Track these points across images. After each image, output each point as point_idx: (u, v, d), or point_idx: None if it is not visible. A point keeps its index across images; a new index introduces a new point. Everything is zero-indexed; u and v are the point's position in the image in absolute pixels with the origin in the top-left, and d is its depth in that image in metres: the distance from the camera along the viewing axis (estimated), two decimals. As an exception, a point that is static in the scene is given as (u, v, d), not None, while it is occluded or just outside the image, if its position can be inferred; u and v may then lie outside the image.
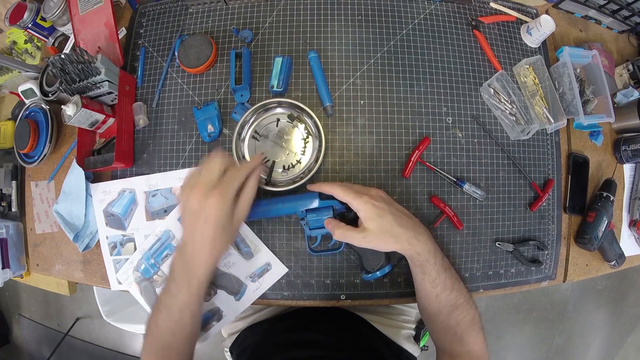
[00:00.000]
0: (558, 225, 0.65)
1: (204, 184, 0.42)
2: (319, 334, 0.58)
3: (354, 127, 0.60)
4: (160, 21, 0.67)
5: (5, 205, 0.70)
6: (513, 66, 0.66)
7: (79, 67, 0.55)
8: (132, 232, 0.61)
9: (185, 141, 0.61)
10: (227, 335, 0.75)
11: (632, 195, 0.74)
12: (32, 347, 1.80)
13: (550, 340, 1.75)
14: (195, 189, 0.42)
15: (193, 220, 0.43)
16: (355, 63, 0.62)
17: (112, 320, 0.99)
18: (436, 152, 0.61)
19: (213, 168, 0.43)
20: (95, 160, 0.61)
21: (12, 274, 0.67)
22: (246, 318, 0.73)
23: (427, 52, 0.63)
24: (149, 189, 0.61)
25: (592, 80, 0.69)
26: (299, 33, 0.63)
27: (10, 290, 1.84)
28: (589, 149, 0.70)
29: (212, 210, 0.41)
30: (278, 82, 0.58)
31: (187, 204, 0.43)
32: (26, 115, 0.68)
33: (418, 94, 0.62)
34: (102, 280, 0.62)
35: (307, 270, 0.58)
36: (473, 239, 0.61)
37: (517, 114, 0.62)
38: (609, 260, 0.69)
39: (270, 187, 0.56)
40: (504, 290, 0.62)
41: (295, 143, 0.59)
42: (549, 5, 0.72)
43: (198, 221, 0.42)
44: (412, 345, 0.69)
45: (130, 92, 0.63)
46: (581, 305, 1.78)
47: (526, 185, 0.63)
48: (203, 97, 0.62)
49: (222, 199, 0.42)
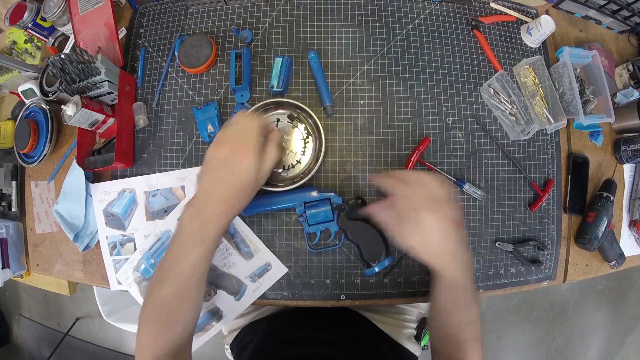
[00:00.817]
0: (558, 225, 0.65)
1: (237, 139, 0.41)
2: (322, 331, 0.58)
3: (354, 127, 0.60)
4: (160, 21, 0.67)
5: (5, 205, 0.70)
6: (513, 66, 0.66)
7: (79, 67, 0.55)
8: (132, 232, 0.61)
9: (185, 141, 0.61)
10: (227, 333, 0.75)
11: (632, 196, 0.74)
12: (32, 347, 1.80)
13: (550, 340, 1.75)
14: (226, 143, 0.41)
15: (220, 172, 0.41)
16: (355, 63, 0.62)
17: (112, 320, 0.98)
18: (436, 152, 0.61)
19: (246, 126, 0.42)
20: (95, 160, 0.61)
21: (12, 274, 0.67)
22: (247, 315, 0.73)
23: (427, 52, 0.63)
24: (149, 189, 0.61)
25: (592, 80, 0.69)
26: (299, 33, 0.63)
27: (10, 290, 1.84)
28: (589, 149, 0.70)
29: (244, 165, 0.40)
30: (278, 82, 0.58)
31: (215, 155, 0.41)
32: (26, 115, 0.68)
33: (418, 94, 0.62)
34: (102, 280, 0.62)
35: (307, 270, 0.58)
36: (473, 239, 0.61)
37: (517, 114, 0.62)
38: (609, 260, 0.69)
39: (270, 187, 0.56)
40: (504, 290, 0.62)
41: (295, 143, 0.59)
42: (549, 6, 0.72)
43: (226, 174, 0.41)
44: (414, 344, 0.69)
45: (130, 92, 0.63)
46: (581, 305, 1.78)
47: (526, 185, 0.63)
48: (203, 97, 0.62)
49: (254, 156, 0.41)
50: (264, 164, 0.43)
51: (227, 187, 0.41)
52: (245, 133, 0.42)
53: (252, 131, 0.42)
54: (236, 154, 0.41)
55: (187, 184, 0.60)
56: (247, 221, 0.59)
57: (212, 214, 0.41)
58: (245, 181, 0.41)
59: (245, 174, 0.41)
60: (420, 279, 0.59)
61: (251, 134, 0.41)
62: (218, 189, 0.41)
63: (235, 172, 0.41)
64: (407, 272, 0.59)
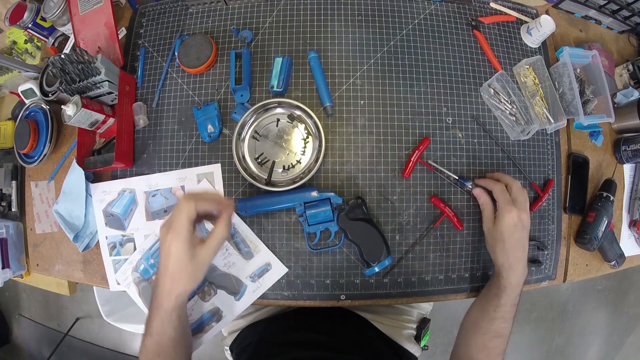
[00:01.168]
0: (558, 225, 0.65)
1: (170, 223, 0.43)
2: (320, 334, 0.58)
3: (354, 127, 0.60)
4: (160, 21, 0.67)
5: (5, 205, 0.70)
6: (513, 66, 0.66)
7: (79, 67, 0.55)
8: (131, 232, 0.61)
9: (185, 141, 0.61)
10: (227, 334, 0.75)
11: (632, 195, 0.74)
12: (32, 347, 1.80)
13: (550, 340, 1.75)
14: (163, 226, 0.44)
15: (160, 254, 0.44)
16: (355, 63, 0.62)
17: (112, 320, 0.98)
18: (436, 152, 0.61)
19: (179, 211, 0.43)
20: (95, 160, 0.61)
21: (12, 274, 0.67)
22: (246, 316, 0.73)
23: (427, 52, 0.63)
24: (149, 189, 0.61)
25: (592, 80, 0.69)
26: (299, 33, 0.63)
27: (10, 290, 1.84)
28: (589, 149, 0.70)
29: (172, 251, 0.42)
30: (278, 82, 0.58)
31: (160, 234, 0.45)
32: (26, 115, 0.68)
33: (418, 94, 0.62)
34: (102, 281, 0.62)
35: (307, 270, 0.58)
36: (473, 239, 0.61)
37: (517, 114, 0.62)
38: (609, 260, 0.69)
39: (270, 187, 0.56)
40: (504, 290, 0.62)
41: (295, 143, 0.59)
42: (549, 5, 0.72)
43: (161, 256, 0.44)
44: (413, 345, 0.69)
45: (130, 92, 0.63)
46: (581, 305, 1.78)
47: (526, 185, 0.63)
48: (203, 97, 0.62)
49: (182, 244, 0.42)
50: (202, 249, 0.44)
51: (165, 269, 0.43)
52: (176, 219, 0.43)
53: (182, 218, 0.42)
54: (165, 238, 0.43)
55: (187, 184, 0.60)
56: (247, 221, 0.59)
57: (162, 288, 0.44)
58: (177, 265, 0.43)
59: (175, 259, 0.43)
60: (421, 279, 0.59)
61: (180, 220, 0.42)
62: (160, 270, 0.44)
63: (169, 256, 0.43)
64: (407, 272, 0.59)
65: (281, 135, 0.59)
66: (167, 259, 0.43)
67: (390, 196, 0.59)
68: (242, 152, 0.58)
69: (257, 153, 0.59)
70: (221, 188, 0.59)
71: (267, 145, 0.59)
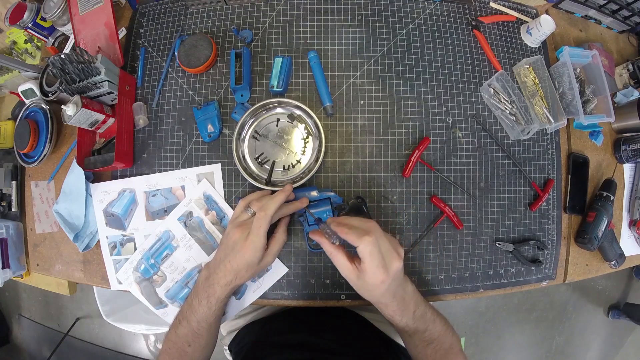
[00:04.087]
0: (558, 225, 0.65)
1: (245, 226, 0.49)
2: (316, 335, 0.58)
3: (354, 127, 0.60)
4: (160, 21, 0.67)
5: (5, 205, 0.70)
6: (513, 66, 0.66)
7: (79, 67, 0.55)
8: (132, 232, 0.61)
9: (185, 141, 0.61)
10: (226, 333, 0.75)
11: (632, 195, 0.74)
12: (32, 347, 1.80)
13: (550, 340, 1.75)
14: (240, 227, 0.49)
15: (229, 250, 0.49)
16: (355, 63, 0.62)
17: (112, 320, 0.99)
18: (436, 152, 0.61)
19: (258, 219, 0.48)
20: (95, 160, 0.61)
21: (12, 274, 0.67)
22: (245, 316, 0.73)
23: (427, 52, 0.63)
24: (149, 189, 0.61)
25: (592, 80, 0.69)
26: (299, 33, 0.63)
27: (10, 290, 1.84)
28: (589, 148, 0.70)
29: (247, 250, 0.48)
30: (278, 82, 0.58)
31: (229, 236, 0.49)
32: (26, 115, 0.68)
33: (418, 94, 0.62)
34: (102, 280, 0.62)
35: (307, 270, 0.58)
36: (473, 239, 0.61)
37: (517, 114, 0.62)
38: (609, 260, 0.69)
39: (270, 187, 0.56)
40: (504, 290, 0.62)
41: (295, 143, 0.59)
42: (549, 5, 0.72)
43: (233, 253, 0.48)
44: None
45: (130, 92, 0.63)
46: (581, 305, 1.78)
47: (526, 185, 0.63)
48: (203, 97, 0.62)
49: (257, 246, 0.48)
50: (267, 255, 0.50)
51: (232, 264, 0.48)
52: (258, 228, 0.48)
53: (263, 228, 0.48)
54: (244, 241, 0.48)
55: (187, 184, 0.60)
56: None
57: (220, 280, 0.49)
58: (246, 265, 0.49)
59: (248, 261, 0.48)
60: (421, 279, 0.59)
61: (261, 231, 0.48)
62: (225, 263, 0.49)
63: (243, 256, 0.48)
64: (407, 272, 0.58)
65: (281, 135, 0.59)
66: (238, 257, 0.48)
67: (390, 196, 0.59)
68: (242, 151, 0.58)
69: (257, 153, 0.59)
70: (221, 188, 0.59)
71: (267, 145, 0.59)
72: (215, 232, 0.59)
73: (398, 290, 0.46)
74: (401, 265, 0.45)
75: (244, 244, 0.47)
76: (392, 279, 0.44)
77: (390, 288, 0.44)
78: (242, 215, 0.51)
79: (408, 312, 0.47)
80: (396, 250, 0.45)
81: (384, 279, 0.43)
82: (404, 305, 0.47)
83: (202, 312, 0.49)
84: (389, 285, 0.44)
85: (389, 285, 0.44)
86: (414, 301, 0.48)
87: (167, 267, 0.60)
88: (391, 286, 0.44)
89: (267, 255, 0.50)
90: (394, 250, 0.44)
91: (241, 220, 0.50)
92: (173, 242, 0.59)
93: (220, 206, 0.59)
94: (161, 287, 0.60)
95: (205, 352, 0.52)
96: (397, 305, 0.46)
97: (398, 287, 0.46)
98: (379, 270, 0.43)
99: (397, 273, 0.44)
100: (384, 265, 0.43)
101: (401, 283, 0.46)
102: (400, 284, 0.46)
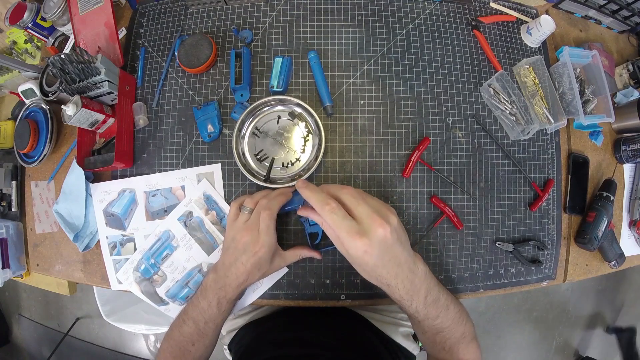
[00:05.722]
0: (558, 225, 0.65)
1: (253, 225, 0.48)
2: (314, 332, 0.58)
3: (354, 127, 0.60)
4: (160, 21, 0.67)
5: (5, 205, 0.70)
6: (513, 66, 0.66)
7: (79, 67, 0.55)
8: (132, 232, 0.61)
9: (185, 141, 0.61)
10: (226, 333, 0.76)
11: (632, 195, 0.74)
12: (32, 347, 1.80)
13: (550, 340, 1.75)
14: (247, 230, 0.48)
15: (240, 253, 0.48)
16: (355, 63, 0.62)
17: (112, 320, 0.99)
18: (436, 152, 0.61)
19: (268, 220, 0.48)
20: (95, 160, 0.61)
21: (12, 274, 0.67)
22: (245, 315, 0.73)
23: (427, 52, 0.63)
24: (149, 189, 0.61)
25: (592, 80, 0.69)
26: (299, 33, 0.63)
27: (10, 290, 1.84)
28: (589, 149, 0.70)
29: (261, 249, 0.48)
30: (278, 82, 0.58)
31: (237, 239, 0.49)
32: (26, 115, 0.68)
33: (418, 94, 0.62)
34: (102, 280, 0.62)
35: (307, 270, 0.58)
36: (473, 239, 0.61)
37: (517, 114, 0.62)
38: (609, 260, 0.69)
39: (269, 184, 0.56)
40: (504, 290, 0.62)
41: (295, 141, 0.59)
42: (549, 5, 0.72)
43: (245, 254, 0.48)
44: (411, 343, 0.69)
45: (130, 92, 0.63)
46: (581, 305, 1.78)
47: (526, 185, 0.63)
48: (203, 97, 0.62)
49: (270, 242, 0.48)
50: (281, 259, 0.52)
51: (245, 265, 0.48)
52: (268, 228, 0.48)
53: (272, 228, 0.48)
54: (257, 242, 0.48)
55: (187, 184, 0.60)
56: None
57: (232, 283, 0.49)
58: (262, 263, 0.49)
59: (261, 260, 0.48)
60: (420, 279, 0.59)
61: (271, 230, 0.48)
62: (237, 264, 0.48)
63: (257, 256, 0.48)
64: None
65: (281, 132, 0.59)
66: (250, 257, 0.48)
67: (390, 196, 0.59)
68: (242, 148, 0.58)
69: (256, 150, 0.59)
70: (221, 188, 0.59)
71: (267, 142, 0.59)
72: (215, 232, 0.59)
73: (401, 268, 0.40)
74: (388, 231, 0.38)
75: (256, 243, 0.48)
76: (378, 248, 0.38)
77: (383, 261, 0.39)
78: (241, 217, 0.51)
79: (418, 297, 0.42)
80: (380, 213, 0.39)
81: (366, 249, 0.37)
82: (412, 289, 0.41)
83: (211, 313, 0.49)
84: (377, 255, 0.38)
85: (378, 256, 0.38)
86: (426, 285, 0.42)
87: (167, 267, 0.60)
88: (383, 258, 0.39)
89: (281, 259, 0.52)
90: (375, 213, 0.38)
91: (243, 221, 0.50)
92: (173, 242, 0.59)
93: (220, 206, 0.59)
94: (161, 287, 0.60)
95: (208, 351, 0.53)
96: (403, 289, 0.41)
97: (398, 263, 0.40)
98: (353, 238, 0.37)
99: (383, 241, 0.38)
100: (360, 231, 0.37)
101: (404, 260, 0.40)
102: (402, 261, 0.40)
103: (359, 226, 0.38)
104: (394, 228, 0.39)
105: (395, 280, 0.41)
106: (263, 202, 0.50)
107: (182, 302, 0.60)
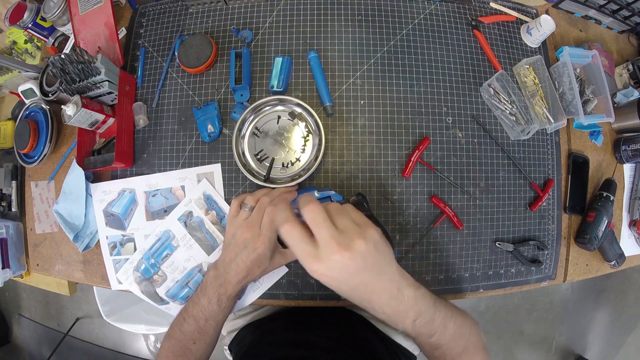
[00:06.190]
0: (558, 225, 0.65)
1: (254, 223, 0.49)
2: (314, 334, 0.58)
3: (354, 127, 0.60)
4: (160, 21, 0.67)
5: (5, 205, 0.70)
6: (513, 66, 0.66)
7: (79, 67, 0.55)
8: (132, 232, 0.61)
9: (185, 141, 0.61)
10: (226, 333, 0.75)
11: (632, 195, 0.74)
12: (32, 347, 1.80)
13: (550, 340, 1.75)
14: (248, 227, 0.49)
15: (240, 249, 0.49)
16: (355, 63, 0.62)
17: (112, 320, 0.99)
18: (436, 152, 0.61)
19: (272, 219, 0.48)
20: (95, 160, 0.61)
21: (12, 274, 0.67)
22: (245, 316, 0.73)
23: (427, 52, 0.63)
24: (149, 189, 0.61)
25: (592, 80, 0.69)
26: (299, 33, 0.63)
27: (10, 290, 1.84)
28: (589, 149, 0.70)
29: (261, 244, 0.48)
30: (278, 82, 0.58)
31: (238, 236, 0.49)
32: (26, 115, 0.68)
33: (418, 94, 0.62)
34: (102, 280, 0.62)
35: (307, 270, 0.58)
36: (473, 239, 0.61)
37: (517, 114, 0.62)
38: (609, 260, 0.69)
39: (269, 183, 0.56)
40: (504, 290, 0.62)
41: (295, 141, 0.59)
42: (549, 5, 0.72)
43: (245, 251, 0.49)
44: (411, 343, 0.69)
45: (130, 92, 0.63)
46: (581, 305, 1.78)
47: (526, 185, 0.63)
48: (203, 97, 0.62)
49: (271, 238, 0.49)
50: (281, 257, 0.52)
51: (245, 262, 0.49)
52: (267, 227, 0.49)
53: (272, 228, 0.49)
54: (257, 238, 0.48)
55: (187, 184, 0.60)
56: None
57: (232, 279, 0.49)
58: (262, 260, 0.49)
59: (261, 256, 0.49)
60: (421, 279, 0.59)
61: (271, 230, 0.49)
62: (238, 261, 0.49)
63: (256, 253, 0.49)
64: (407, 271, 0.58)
65: (282, 132, 0.59)
66: (250, 254, 0.48)
67: (390, 196, 0.59)
68: (242, 148, 0.58)
69: (257, 150, 0.59)
70: (221, 188, 0.59)
71: (267, 142, 0.59)
72: (215, 231, 0.59)
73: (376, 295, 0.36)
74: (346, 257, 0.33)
75: (257, 239, 0.48)
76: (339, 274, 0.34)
77: (349, 286, 0.35)
78: (242, 214, 0.51)
79: (405, 321, 0.39)
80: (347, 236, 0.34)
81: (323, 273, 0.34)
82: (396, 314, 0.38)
83: (211, 310, 0.50)
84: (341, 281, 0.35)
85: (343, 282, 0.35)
86: (416, 310, 0.38)
87: (167, 267, 0.60)
88: (348, 284, 0.35)
89: (281, 256, 0.52)
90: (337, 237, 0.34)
91: (243, 218, 0.50)
92: (173, 242, 0.59)
93: (220, 206, 0.59)
94: (161, 287, 0.60)
95: (208, 349, 0.53)
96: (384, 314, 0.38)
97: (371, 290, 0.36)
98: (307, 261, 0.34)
99: (343, 267, 0.34)
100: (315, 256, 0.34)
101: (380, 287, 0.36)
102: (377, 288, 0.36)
103: (316, 250, 0.34)
104: (360, 254, 0.34)
105: (370, 305, 0.37)
106: (265, 200, 0.51)
107: (182, 302, 0.60)
